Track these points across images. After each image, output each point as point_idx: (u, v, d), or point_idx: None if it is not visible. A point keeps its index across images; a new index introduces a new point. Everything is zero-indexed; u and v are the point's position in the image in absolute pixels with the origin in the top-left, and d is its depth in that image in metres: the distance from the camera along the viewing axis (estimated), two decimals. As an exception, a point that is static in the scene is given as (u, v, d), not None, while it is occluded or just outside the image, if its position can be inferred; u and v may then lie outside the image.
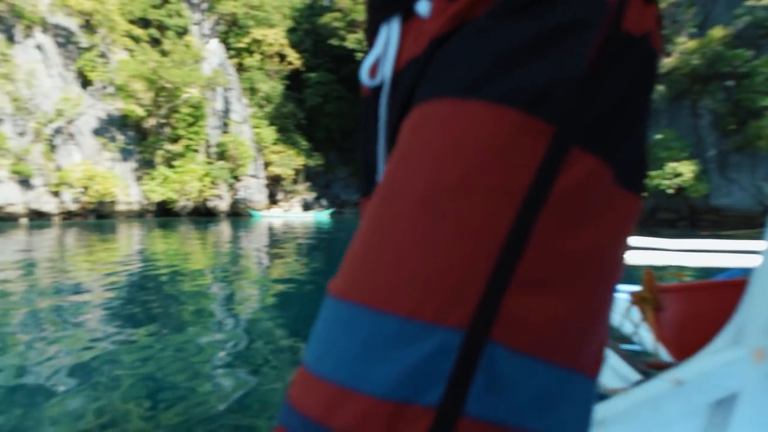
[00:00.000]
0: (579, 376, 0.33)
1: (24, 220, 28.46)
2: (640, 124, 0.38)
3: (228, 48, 45.67)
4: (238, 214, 39.47)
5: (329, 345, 0.34)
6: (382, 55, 0.47)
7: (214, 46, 40.84)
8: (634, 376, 2.32)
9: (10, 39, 29.04)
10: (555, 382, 0.32)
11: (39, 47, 30.23)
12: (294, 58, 48.28)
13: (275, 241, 17.39)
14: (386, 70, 0.46)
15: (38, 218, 29.23)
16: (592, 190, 0.34)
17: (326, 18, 48.28)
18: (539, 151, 0.33)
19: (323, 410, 0.32)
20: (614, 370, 2.42)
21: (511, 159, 0.32)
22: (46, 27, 30.70)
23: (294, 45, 49.52)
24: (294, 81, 49.29)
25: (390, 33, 0.46)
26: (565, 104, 0.33)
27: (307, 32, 51.39)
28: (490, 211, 0.32)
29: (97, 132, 32.84)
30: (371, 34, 0.50)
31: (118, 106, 34.11)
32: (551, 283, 0.32)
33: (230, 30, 47.55)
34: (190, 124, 37.45)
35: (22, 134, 28.55)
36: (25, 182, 28.40)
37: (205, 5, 45.41)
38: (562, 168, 0.33)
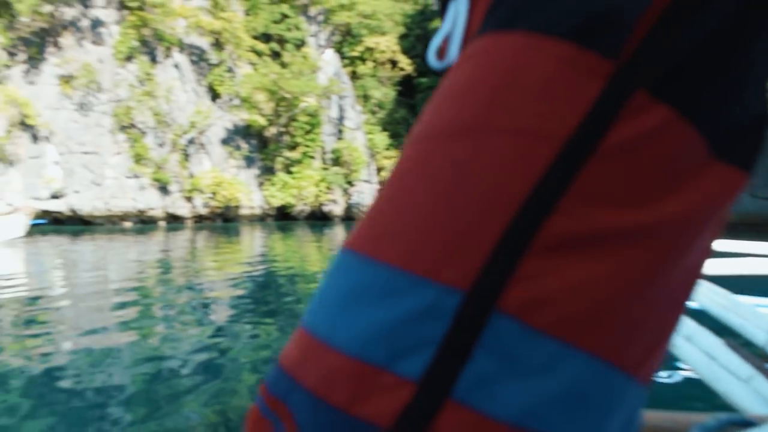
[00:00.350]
0: (620, 373, 0.27)
1: (162, 223, 31.32)
2: (747, 79, 0.30)
3: (342, 57, 47.16)
4: (352, 218, 40.53)
5: (319, 296, 0.31)
6: (449, 35, 0.41)
7: (330, 56, 42.38)
8: None
9: (153, 60, 32.17)
10: (582, 374, 0.26)
11: (176, 66, 33.18)
12: (405, 64, 48.76)
13: (388, 244, 17.50)
14: (453, 51, 0.40)
15: (174, 221, 32.00)
16: (664, 150, 0.27)
17: (437, 22, 48.24)
18: (592, 91, 0.27)
19: (297, 363, 0.29)
20: (761, 394, 2.01)
21: (552, 98, 0.27)
22: (182, 47, 33.66)
23: (405, 51, 50.03)
24: (405, 87, 49.77)
25: (458, 9, 0.40)
26: (631, 36, 0.27)
27: (419, 38, 51.71)
28: (517, 156, 0.27)
29: (224, 141, 35.35)
30: (442, 13, 0.44)
31: (242, 116, 36.52)
32: (591, 254, 0.26)
33: (344, 39, 49.14)
34: (307, 132, 39.12)
35: (161, 145, 31.48)
36: (163, 188, 31.30)
37: (321, 17, 47.36)
38: (621, 116, 0.27)
